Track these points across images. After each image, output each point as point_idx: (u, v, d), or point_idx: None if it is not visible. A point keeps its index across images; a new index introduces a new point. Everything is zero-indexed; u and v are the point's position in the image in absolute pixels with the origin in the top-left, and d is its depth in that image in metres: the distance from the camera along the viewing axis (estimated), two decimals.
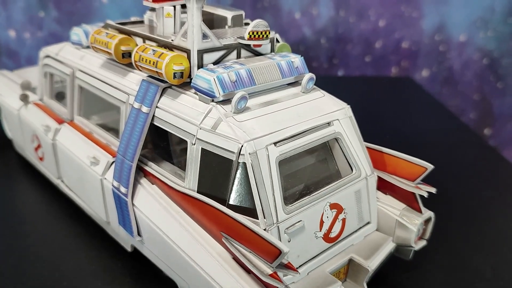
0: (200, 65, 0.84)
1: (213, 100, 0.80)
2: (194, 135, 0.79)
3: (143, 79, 0.90)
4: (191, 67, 0.84)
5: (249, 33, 0.88)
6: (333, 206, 0.84)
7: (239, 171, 0.75)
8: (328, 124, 0.87)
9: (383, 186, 0.96)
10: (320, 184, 0.85)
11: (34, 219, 1.16)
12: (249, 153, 0.74)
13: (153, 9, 1.05)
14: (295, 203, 0.79)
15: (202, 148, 0.78)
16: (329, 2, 2.12)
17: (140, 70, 0.89)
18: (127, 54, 0.95)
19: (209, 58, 0.85)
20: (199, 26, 0.82)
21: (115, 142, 1.00)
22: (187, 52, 0.84)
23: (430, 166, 0.90)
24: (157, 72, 0.83)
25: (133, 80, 0.95)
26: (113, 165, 0.95)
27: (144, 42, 0.94)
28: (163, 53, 0.83)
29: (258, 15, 2.11)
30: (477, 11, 2.09)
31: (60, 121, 1.15)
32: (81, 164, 1.02)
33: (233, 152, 0.74)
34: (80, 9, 2.05)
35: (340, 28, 2.16)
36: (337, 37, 2.17)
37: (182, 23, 0.96)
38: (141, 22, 1.09)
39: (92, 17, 2.07)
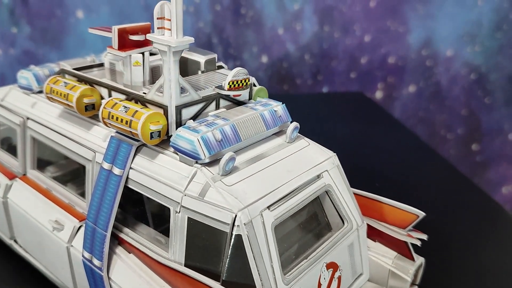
0: (179, 122, 0.77)
1: (197, 161, 0.73)
2: (179, 203, 0.72)
3: (112, 136, 0.81)
4: (169, 124, 0.76)
5: (229, 83, 0.81)
6: (329, 265, 0.79)
7: (233, 243, 0.68)
8: (318, 176, 0.82)
9: (372, 233, 0.92)
10: (314, 243, 0.80)
11: None
12: (244, 224, 0.67)
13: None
14: (293, 270, 0.73)
15: (188, 217, 0.71)
16: (313, 17, 2.06)
17: (109, 127, 0.80)
18: (91, 106, 0.86)
19: (187, 112, 0.78)
20: (177, 80, 0.74)
21: (79, 202, 0.90)
22: (164, 108, 0.76)
23: (421, 214, 0.87)
24: (131, 132, 0.75)
25: (99, 135, 0.86)
26: (81, 230, 0.85)
27: (109, 93, 0.85)
28: (137, 111, 0.74)
29: (240, 31, 2.04)
30: (464, 25, 2.06)
31: (11, 176, 1.02)
32: (42, 228, 0.91)
33: (226, 224, 0.67)
34: (54, 25, 1.92)
35: (324, 43, 2.10)
36: (322, 53, 2.11)
37: (152, 69, 0.89)
38: (101, 65, 0.99)
39: (67, 33, 1.94)
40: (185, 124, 0.77)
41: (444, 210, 1.31)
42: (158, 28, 0.73)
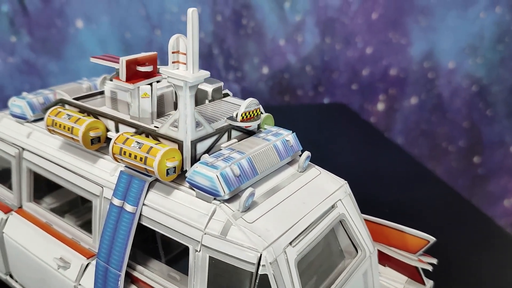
0: (193, 156, 0.75)
1: (215, 198, 0.71)
2: (199, 242, 0.70)
3: (121, 171, 0.79)
4: (184, 159, 0.75)
5: (242, 115, 0.80)
6: None
7: (259, 283, 0.67)
8: (332, 206, 0.82)
9: (380, 257, 0.93)
10: (331, 274, 0.80)
11: None
12: (270, 263, 0.66)
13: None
14: None
15: (210, 256, 0.69)
16: (315, 29, 2.04)
17: (119, 162, 0.77)
18: (96, 139, 0.83)
19: (201, 146, 0.76)
20: (193, 115, 0.73)
21: (84, 238, 0.87)
22: (178, 143, 0.74)
23: (432, 239, 0.88)
24: (146, 169, 0.72)
25: (105, 169, 0.83)
26: (88, 267, 0.82)
27: (116, 125, 0.83)
28: (152, 147, 0.72)
29: (242, 42, 2.01)
30: (466, 38, 2.06)
31: (6, 209, 0.98)
32: (44, 266, 0.87)
33: (251, 263, 0.66)
34: (54, 35, 1.88)
35: (326, 55, 2.08)
36: (323, 65, 2.09)
37: (158, 98, 0.87)
38: (101, 93, 0.96)
39: (67, 43, 1.91)
40: (199, 158, 0.76)
41: (442, 230, 1.33)
42: (173, 62, 0.71)
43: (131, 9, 1.83)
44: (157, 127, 0.77)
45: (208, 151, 0.78)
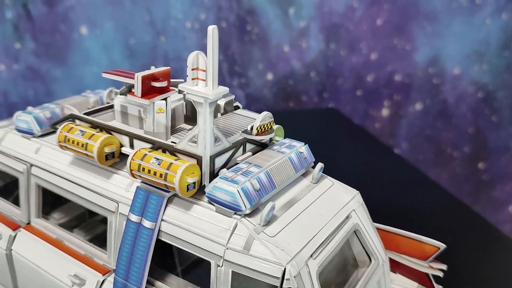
0: (212, 171, 0.76)
1: (235, 212, 0.72)
2: (221, 256, 0.70)
3: (138, 187, 0.79)
4: (202, 174, 0.75)
5: (257, 128, 0.81)
6: None
7: None
8: (347, 217, 0.83)
9: (391, 264, 0.94)
10: (347, 283, 0.81)
11: None
12: (294, 276, 0.67)
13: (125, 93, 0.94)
14: None
15: (232, 271, 0.70)
16: (319, 35, 2.04)
17: (136, 178, 0.77)
18: (111, 155, 0.83)
19: (219, 161, 0.77)
20: (212, 130, 0.73)
21: (98, 254, 0.87)
22: (197, 158, 0.74)
23: (442, 246, 0.90)
24: (166, 185, 0.73)
25: (120, 185, 0.83)
26: (105, 284, 0.82)
27: (131, 141, 0.83)
28: (172, 163, 0.72)
29: (246, 48, 2.01)
30: (471, 44, 2.05)
31: (14, 226, 0.97)
32: (57, 283, 0.87)
33: (276, 277, 0.67)
34: (58, 41, 1.87)
35: (330, 61, 2.08)
36: (327, 71, 2.08)
37: (171, 111, 0.87)
38: (111, 107, 0.96)
39: (71, 49, 1.90)
40: (217, 173, 0.76)
41: (447, 236, 1.35)
42: (192, 79, 0.72)
43: (135, 15, 1.82)
44: (174, 143, 0.77)
45: (225, 165, 0.78)
